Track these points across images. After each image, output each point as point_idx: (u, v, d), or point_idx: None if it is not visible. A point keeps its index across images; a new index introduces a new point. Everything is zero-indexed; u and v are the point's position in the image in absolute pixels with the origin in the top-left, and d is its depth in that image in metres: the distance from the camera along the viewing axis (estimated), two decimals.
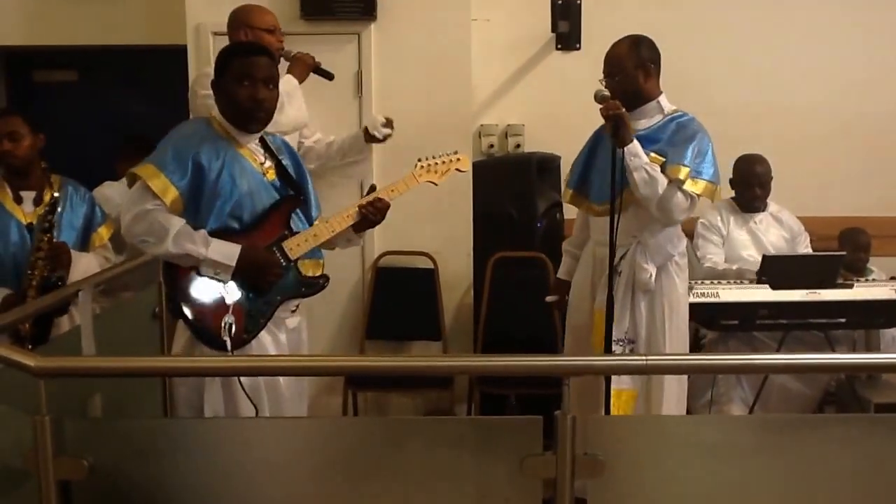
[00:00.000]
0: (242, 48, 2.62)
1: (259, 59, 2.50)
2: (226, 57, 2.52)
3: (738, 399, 3.69)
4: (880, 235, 4.09)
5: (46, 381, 1.76)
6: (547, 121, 4.39)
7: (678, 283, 3.10)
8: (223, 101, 2.52)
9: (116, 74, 4.79)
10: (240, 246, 2.42)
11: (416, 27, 3.97)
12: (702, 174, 2.98)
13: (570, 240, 3.39)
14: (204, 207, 2.42)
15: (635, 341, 3.03)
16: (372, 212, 2.62)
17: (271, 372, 2.29)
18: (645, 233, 3.04)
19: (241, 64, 2.47)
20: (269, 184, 2.53)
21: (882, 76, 4.44)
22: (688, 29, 4.30)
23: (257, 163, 2.53)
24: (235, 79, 2.46)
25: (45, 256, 3.07)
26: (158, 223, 2.38)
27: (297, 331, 2.63)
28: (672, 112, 3.08)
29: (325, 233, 2.56)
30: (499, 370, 2.30)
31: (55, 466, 1.75)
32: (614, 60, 3.04)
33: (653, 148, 3.00)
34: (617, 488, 1.84)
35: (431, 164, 2.74)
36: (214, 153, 2.44)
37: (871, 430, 1.91)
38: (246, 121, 2.51)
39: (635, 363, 2.22)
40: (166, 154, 2.43)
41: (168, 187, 2.38)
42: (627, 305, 3.03)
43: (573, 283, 3.26)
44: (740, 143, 4.04)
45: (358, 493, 1.86)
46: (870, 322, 3.64)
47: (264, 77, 2.49)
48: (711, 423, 2.49)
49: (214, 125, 2.53)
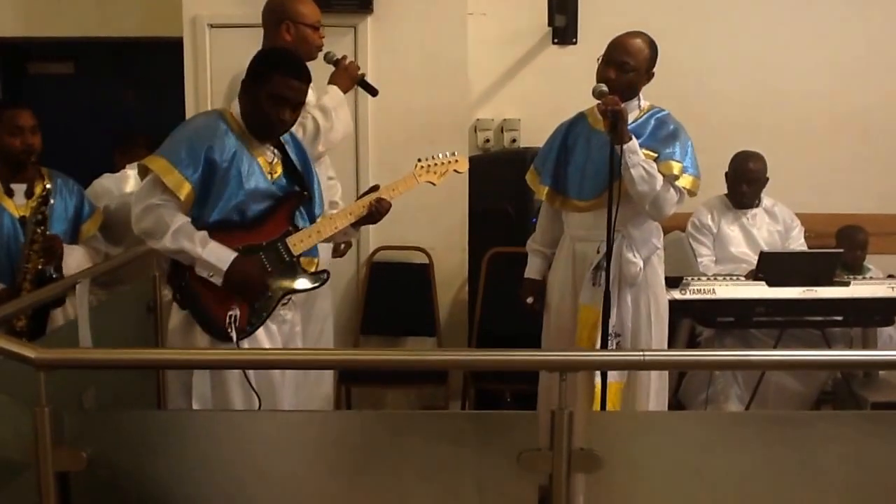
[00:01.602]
0: (287, 66, 2.51)
1: (300, 85, 2.50)
2: (267, 67, 2.50)
3: (734, 397, 3.69)
4: (878, 233, 4.10)
5: (46, 372, 1.76)
6: (543, 116, 4.34)
7: (661, 276, 3.13)
8: (249, 105, 2.52)
9: (112, 67, 4.77)
10: (235, 254, 2.45)
11: (412, 21, 3.96)
12: (688, 169, 2.99)
13: (536, 238, 3.31)
14: (211, 199, 2.45)
15: (622, 334, 3.04)
16: (377, 211, 2.65)
17: (265, 365, 2.30)
18: (629, 226, 3.03)
19: (280, 83, 2.46)
20: (273, 185, 2.55)
21: (881, 72, 4.43)
22: (684, 23, 4.29)
23: (265, 162, 2.55)
24: (269, 96, 2.46)
25: (40, 249, 3.07)
26: (163, 219, 2.41)
27: (290, 323, 2.66)
28: (649, 108, 3.08)
29: (328, 229, 2.60)
30: (494, 365, 2.30)
31: (54, 457, 1.76)
32: (632, 53, 2.97)
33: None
34: (613, 483, 1.85)
35: (430, 164, 2.78)
36: (226, 147, 2.46)
37: (866, 427, 1.92)
38: (265, 135, 2.55)
39: (633, 359, 2.22)
40: (180, 148, 2.45)
41: (182, 182, 2.41)
42: (614, 299, 3.02)
43: (552, 284, 3.21)
44: (738, 140, 4.04)
45: (354, 487, 1.87)
46: (866, 320, 3.64)
47: (297, 102, 2.52)
48: (707, 419, 2.51)
49: (229, 119, 2.53)
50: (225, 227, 2.46)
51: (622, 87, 2.94)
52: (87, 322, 2.56)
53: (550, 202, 3.21)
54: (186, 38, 3.87)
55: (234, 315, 2.43)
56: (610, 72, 2.97)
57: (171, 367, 2.48)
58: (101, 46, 4.60)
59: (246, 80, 2.53)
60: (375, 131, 4.00)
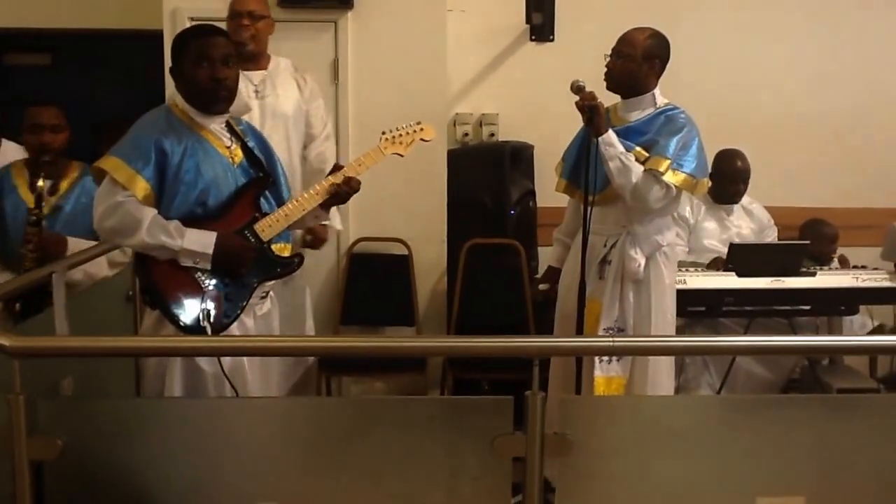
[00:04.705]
0: (194, 31, 2.55)
1: (216, 39, 2.48)
2: (180, 42, 2.50)
3: (705, 384, 3.75)
4: (846, 226, 4.17)
5: (21, 360, 1.77)
6: (521, 110, 4.43)
7: (665, 273, 3.13)
8: (184, 85, 2.49)
9: (90, 59, 4.75)
10: (214, 233, 2.41)
11: (392, 16, 3.99)
12: (683, 167, 3.01)
13: (560, 228, 3.40)
14: (167, 194, 2.40)
15: (624, 330, 3.07)
16: (345, 189, 2.58)
17: (243, 352, 2.27)
18: (634, 222, 3.08)
19: (195, 46, 2.45)
20: (235, 168, 2.51)
21: (846, 72, 4.52)
22: (659, 22, 4.32)
23: (223, 146, 2.51)
24: (194, 62, 2.43)
25: (34, 249, 3.03)
26: (130, 215, 2.35)
27: (266, 317, 2.60)
28: (664, 105, 3.12)
29: (296, 212, 2.53)
30: (469, 351, 2.34)
31: (28, 446, 1.76)
32: (628, 41, 3.07)
33: (640, 140, 3.04)
34: (586, 467, 1.89)
35: (395, 135, 2.69)
36: (176, 139, 2.41)
37: (831, 411, 1.98)
38: (209, 101, 2.48)
39: (602, 345, 2.27)
40: (127, 145, 2.41)
41: (134, 177, 2.35)
42: (617, 295, 3.07)
43: (563, 272, 3.28)
44: (710, 135, 4.08)
45: (329, 472, 1.89)
46: (832, 309, 3.71)
47: (222, 56, 2.46)
48: (681, 403, 2.56)
49: (176, 112, 2.50)
50: (190, 222, 2.40)
51: (618, 74, 3.05)
52: (63, 311, 2.54)
53: (570, 195, 3.30)
54: (167, 31, 3.86)
55: (208, 309, 2.37)
56: (610, 61, 3.08)
57: (146, 354, 2.43)
58: (80, 38, 4.58)
59: (172, 68, 2.52)
60: (355, 125, 4.02)
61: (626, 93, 3.12)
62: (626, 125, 3.09)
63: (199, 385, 2.41)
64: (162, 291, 2.39)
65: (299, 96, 3.55)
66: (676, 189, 3.04)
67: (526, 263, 4.11)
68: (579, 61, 3.23)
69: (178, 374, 2.41)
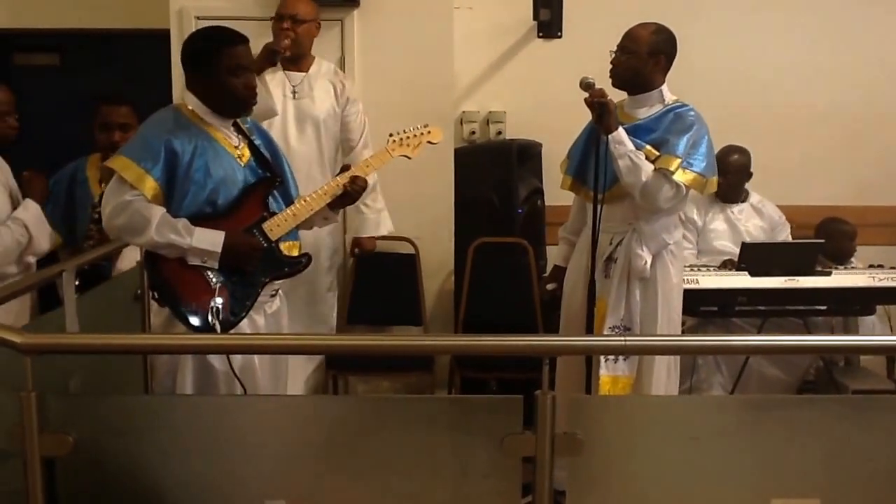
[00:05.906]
0: (229, 37, 2.52)
1: (245, 48, 2.50)
2: (212, 44, 2.48)
3: (717, 385, 3.73)
4: (859, 224, 4.13)
5: (33, 358, 1.77)
6: (528, 108, 4.41)
7: (672, 272, 3.10)
8: (210, 90, 2.48)
9: (98, 59, 4.75)
10: (223, 232, 2.42)
11: (398, 14, 3.98)
12: (692, 166, 2.98)
13: (566, 226, 3.37)
14: (177, 193, 2.41)
15: (630, 329, 3.05)
16: (352, 189, 2.61)
17: (252, 350, 2.29)
18: (640, 220, 3.05)
19: (230, 55, 2.45)
20: (244, 167, 2.52)
21: (860, 67, 4.48)
22: (667, 18, 4.31)
23: (231, 146, 2.52)
24: (228, 69, 2.44)
25: (94, 245, 3.13)
26: (139, 213, 2.37)
27: (276, 315, 2.63)
28: (672, 102, 3.09)
29: (304, 211, 2.56)
30: (478, 350, 2.32)
31: (40, 442, 1.76)
32: (632, 37, 3.05)
33: (649, 138, 3.01)
34: (597, 466, 1.87)
35: (403, 137, 2.72)
36: (186, 139, 2.42)
37: (847, 412, 1.95)
38: (240, 108, 2.52)
39: (614, 343, 2.25)
40: (137, 145, 2.43)
41: (143, 176, 2.36)
42: (623, 293, 3.05)
43: (568, 270, 3.25)
44: (720, 135, 4.06)
45: (338, 471, 1.88)
46: (847, 309, 3.67)
47: (251, 63, 2.53)
48: (691, 403, 2.54)
49: (185, 112, 2.50)
50: (199, 221, 2.42)
51: (623, 71, 3.03)
52: (73, 309, 2.55)
53: (575, 192, 3.27)
54: (173, 31, 3.87)
55: (217, 307, 2.38)
56: (615, 57, 3.06)
57: (156, 352, 2.45)
58: (88, 38, 4.58)
59: (191, 68, 2.51)
60: None
61: (633, 89, 3.09)
62: (635, 123, 3.06)
63: (211, 383, 2.44)
64: (172, 289, 2.42)
65: (334, 100, 3.65)
66: (686, 188, 3.00)
67: (534, 262, 4.09)
68: (588, 58, 3.20)
69: (190, 372, 2.44)
